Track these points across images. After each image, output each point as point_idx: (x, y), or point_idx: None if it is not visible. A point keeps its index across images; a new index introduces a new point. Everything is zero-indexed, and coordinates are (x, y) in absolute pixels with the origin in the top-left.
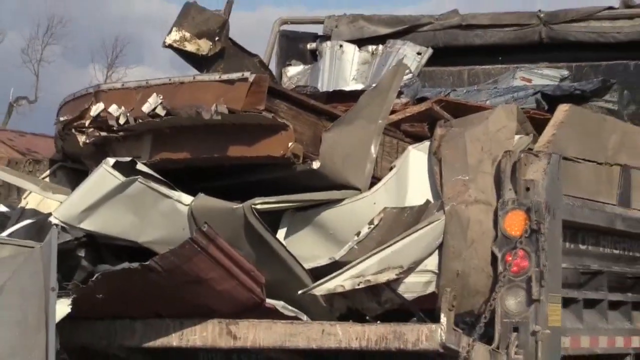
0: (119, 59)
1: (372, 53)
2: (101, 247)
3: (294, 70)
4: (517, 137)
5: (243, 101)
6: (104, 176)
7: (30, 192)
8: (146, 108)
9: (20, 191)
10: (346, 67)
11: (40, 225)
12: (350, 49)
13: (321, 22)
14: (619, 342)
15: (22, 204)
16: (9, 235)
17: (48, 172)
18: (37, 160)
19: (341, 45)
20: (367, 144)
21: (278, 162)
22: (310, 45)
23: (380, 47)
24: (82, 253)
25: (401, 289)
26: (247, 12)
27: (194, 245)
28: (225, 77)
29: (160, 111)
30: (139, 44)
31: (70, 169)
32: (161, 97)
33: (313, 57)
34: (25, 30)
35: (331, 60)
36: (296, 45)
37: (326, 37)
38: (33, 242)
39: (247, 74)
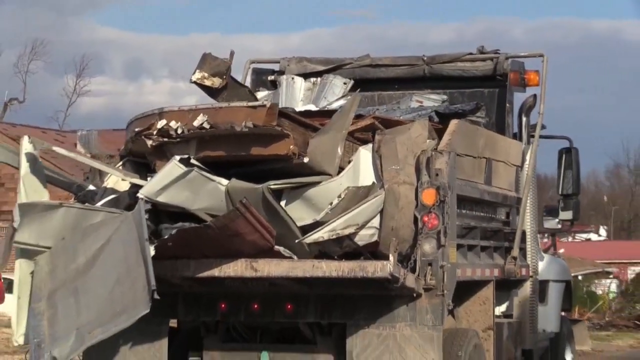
0: (85, 70)
1: (313, 83)
2: (160, 212)
3: (261, 95)
4: (427, 141)
5: (263, 120)
6: (173, 167)
7: (110, 176)
8: (196, 123)
9: (102, 175)
10: (296, 93)
11: (117, 199)
12: (299, 81)
13: (277, 62)
14: (487, 272)
15: (104, 184)
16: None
17: (120, 163)
18: (112, 155)
19: (292, 78)
20: (336, 146)
21: (282, 158)
22: (271, 78)
23: (319, 79)
24: (146, 216)
25: (357, 239)
26: (178, 37)
27: (237, 212)
28: (250, 104)
29: (206, 125)
30: (100, 60)
31: (134, 162)
32: (206, 116)
33: (273, 85)
34: (16, 50)
35: (286, 88)
36: (261, 77)
37: (281, 72)
38: (118, 210)
39: (265, 102)
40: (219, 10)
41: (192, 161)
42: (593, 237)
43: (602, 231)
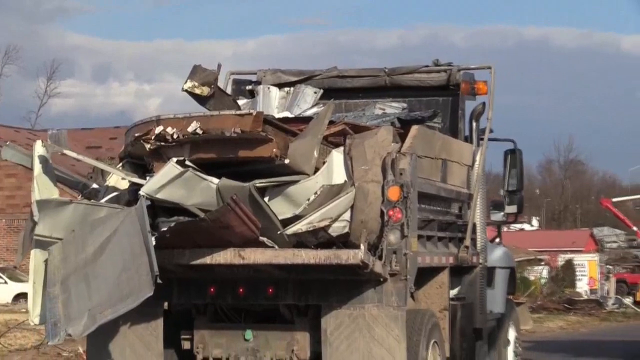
0: (55, 74)
1: (287, 92)
2: (157, 208)
3: (241, 102)
4: (392, 144)
5: (249, 126)
6: (171, 168)
7: (111, 175)
8: (190, 129)
9: (104, 175)
10: (272, 101)
11: (118, 196)
12: (274, 90)
13: (254, 74)
14: (443, 260)
15: (106, 183)
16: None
17: (120, 164)
18: (112, 157)
19: (268, 88)
20: (312, 149)
21: (266, 160)
22: (249, 87)
23: (292, 88)
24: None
25: (330, 231)
26: (144, 42)
27: (227, 207)
28: (238, 112)
29: (199, 131)
30: (70, 64)
31: (133, 163)
32: (199, 123)
33: (251, 94)
34: None
35: (263, 97)
36: (240, 87)
37: (258, 82)
38: (120, 206)
39: (252, 111)
40: (182, 18)
41: (187, 163)
42: (526, 227)
43: (535, 222)
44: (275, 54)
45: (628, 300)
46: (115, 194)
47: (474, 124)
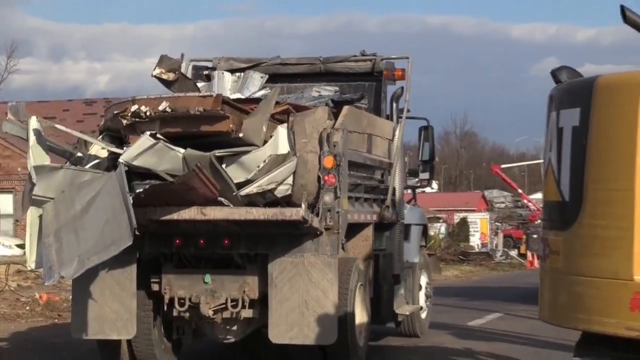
0: (14, 52)
1: (238, 77)
2: (131, 173)
3: (199, 85)
4: (327, 121)
5: (210, 105)
6: (145, 140)
7: (93, 146)
8: (161, 107)
9: (87, 145)
10: (225, 85)
11: (99, 163)
12: (227, 75)
13: (210, 61)
14: (368, 217)
15: (89, 152)
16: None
17: (100, 136)
18: (93, 130)
19: (222, 73)
20: (262, 125)
21: (223, 134)
22: (206, 72)
23: (242, 74)
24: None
25: (276, 192)
26: (94, 25)
27: (193, 172)
28: (201, 94)
29: (168, 109)
30: (27, 44)
31: (111, 136)
32: (168, 103)
33: (207, 78)
34: None
35: (218, 81)
36: (198, 72)
37: (213, 68)
38: (101, 171)
39: (213, 93)
40: (127, 3)
41: (158, 136)
42: (427, 190)
43: (435, 185)
44: (210, 36)
45: (513, 253)
46: (97, 161)
47: (394, 105)
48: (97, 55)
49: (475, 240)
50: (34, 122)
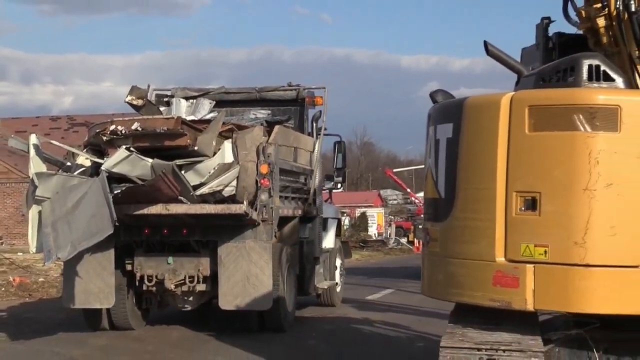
0: None
1: (191, 103)
2: (110, 178)
3: (162, 109)
4: (263, 137)
5: (172, 125)
6: (121, 152)
7: (79, 157)
8: (133, 127)
9: (74, 156)
10: (182, 109)
11: (84, 171)
12: (183, 101)
13: (169, 90)
14: (295, 212)
15: (76, 162)
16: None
17: (85, 150)
18: (79, 145)
19: (180, 100)
20: (212, 140)
21: (182, 147)
22: (166, 99)
23: (194, 100)
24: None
25: (224, 193)
26: (58, 55)
27: (159, 177)
28: (165, 117)
29: (139, 128)
30: (1, 70)
31: (93, 149)
32: (139, 123)
33: (167, 104)
34: None
35: (175, 106)
36: (160, 99)
37: (172, 96)
38: (86, 177)
39: (175, 116)
40: (85, 36)
41: (131, 149)
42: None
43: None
44: (155, 65)
45: (403, 240)
46: (83, 169)
47: (314, 124)
48: (61, 79)
49: (372, 231)
50: (33, 139)
